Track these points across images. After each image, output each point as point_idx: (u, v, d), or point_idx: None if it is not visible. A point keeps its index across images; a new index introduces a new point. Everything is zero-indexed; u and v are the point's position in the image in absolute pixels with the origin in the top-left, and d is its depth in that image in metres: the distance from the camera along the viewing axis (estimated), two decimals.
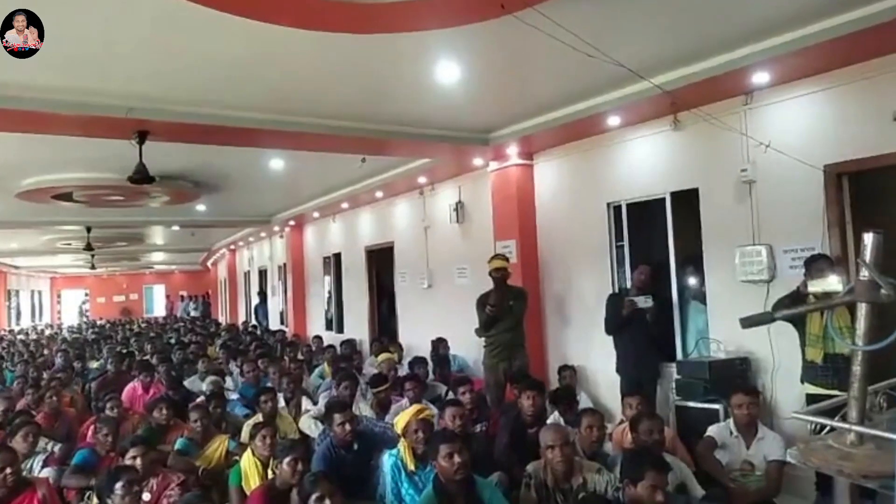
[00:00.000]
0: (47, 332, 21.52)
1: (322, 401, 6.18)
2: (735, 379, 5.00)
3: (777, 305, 4.26)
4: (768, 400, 5.11)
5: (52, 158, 7.57)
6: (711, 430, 4.37)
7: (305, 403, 6.21)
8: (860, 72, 4.57)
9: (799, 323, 4.34)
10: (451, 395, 5.94)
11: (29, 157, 7.38)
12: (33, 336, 18.64)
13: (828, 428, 1.73)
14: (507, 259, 6.47)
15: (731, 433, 4.30)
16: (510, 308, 6.21)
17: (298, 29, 3.84)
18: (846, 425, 1.64)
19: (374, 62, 4.67)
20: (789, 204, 5.03)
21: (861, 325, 1.69)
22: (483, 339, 6.42)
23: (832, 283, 2.04)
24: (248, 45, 4.20)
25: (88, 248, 15.08)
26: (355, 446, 4.48)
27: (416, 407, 4.42)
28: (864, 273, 1.67)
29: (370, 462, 4.53)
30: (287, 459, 3.71)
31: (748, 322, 1.96)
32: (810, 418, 1.77)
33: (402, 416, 4.24)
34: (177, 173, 8.69)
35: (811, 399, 4.28)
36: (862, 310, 1.70)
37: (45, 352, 13.25)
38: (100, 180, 8.61)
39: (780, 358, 5.00)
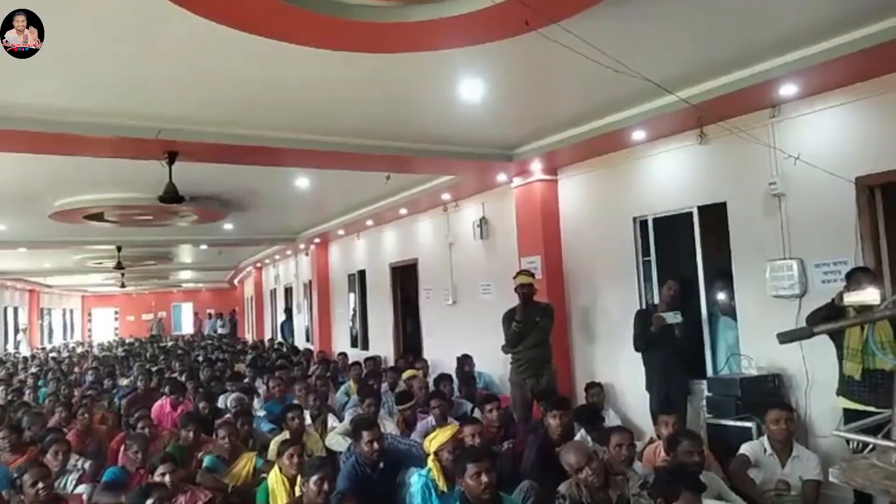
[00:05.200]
0: (78, 349, 21.87)
1: (348, 417, 6.18)
2: (768, 396, 4.91)
3: (811, 318, 4.17)
4: (803, 418, 5.00)
5: (85, 180, 7.74)
6: (745, 449, 4.28)
7: (331, 420, 6.22)
8: (891, 83, 4.50)
9: (837, 336, 4.24)
10: (476, 413, 5.90)
11: (62, 178, 7.56)
12: (65, 354, 18.95)
13: (870, 446, 1.68)
14: (532, 275, 6.44)
15: (766, 451, 4.22)
16: (536, 324, 6.17)
17: (324, 49, 3.89)
18: (892, 443, 1.58)
19: (399, 81, 4.72)
20: (820, 217, 4.95)
21: None
22: (510, 355, 6.38)
23: (870, 295, 1.98)
24: (274, 66, 4.27)
25: (119, 266, 15.34)
26: (381, 465, 4.46)
27: (452, 427, 4.38)
28: None
29: (396, 480, 4.51)
30: (314, 478, 3.71)
31: (786, 337, 1.92)
32: (852, 436, 1.72)
33: (438, 435, 4.21)
34: (205, 193, 8.83)
35: (848, 414, 4.18)
36: None
37: (76, 369, 13.46)
38: (130, 200, 8.77)
39: (813, 374, 4.90)
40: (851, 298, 2.50)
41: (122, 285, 23.73)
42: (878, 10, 3.84)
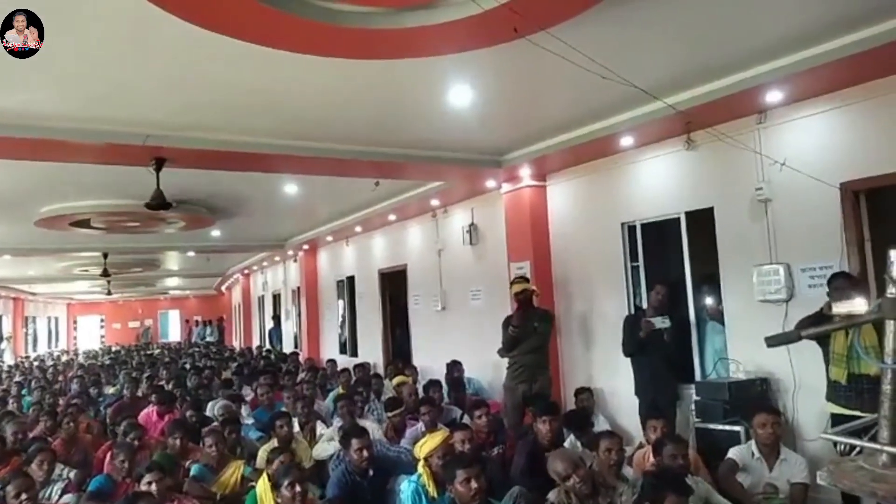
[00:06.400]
0: (63, 358, 21.63)
1: (336, 424, 6.15)
2: (755, 400, 4.94)
3: (800, 326, 4.20)
4: (790, 421, 5.03)
5: (71, 186, 7.68)
6: (733, 453, 4.31)
7: (319, 428, 6.18)
8: (875, 89, 4.56)
9: (823, 341, 4.28)
10: (466, 419, 5.88)
11: (48, 184, 7.49)
12: (50, 362, 18.74)
13: (857, 449, 1.69)
14: (528, 280, 6.44)
15: (753, 455, 4.24)
16: (535, 329, 6.17)
17: (312, 55, 3.89)
18: (878, 446, 1.60)
19: (387, 87, 4.72)
20: (806, 222, 4.99)
21: (890, 342, 1.66)
22: (505, 361, 6.38)
23: (858, 304, 2.00)
24: (261, 72, 4.26)
25: (105, 273, 15.20)
26: (370, 472, 4.44)
27: (442, 433, 4.38)
28: (892, 290, 1.64)
29: (385, 487, 4.49)
30: (285, 484, 3.74)
31: (774, 340, 1.93)
32: (839, 438, 1.73)
33: (428, 441, 4.20)
34: (193, 199, 8.79)
35: (835, 419, 4.21)
36: (890, 327, 1.66)
37: (61, 378, 13.31)
38: (117, 207, 8.71)
39: (800, 378, 4.93)
40: (839, 308, 2.51)
41: (109, 293, 23.54)
42: (864, 17, 3.89)
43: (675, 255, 6.12)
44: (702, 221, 5.84)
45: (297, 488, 3.71)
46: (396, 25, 3.56)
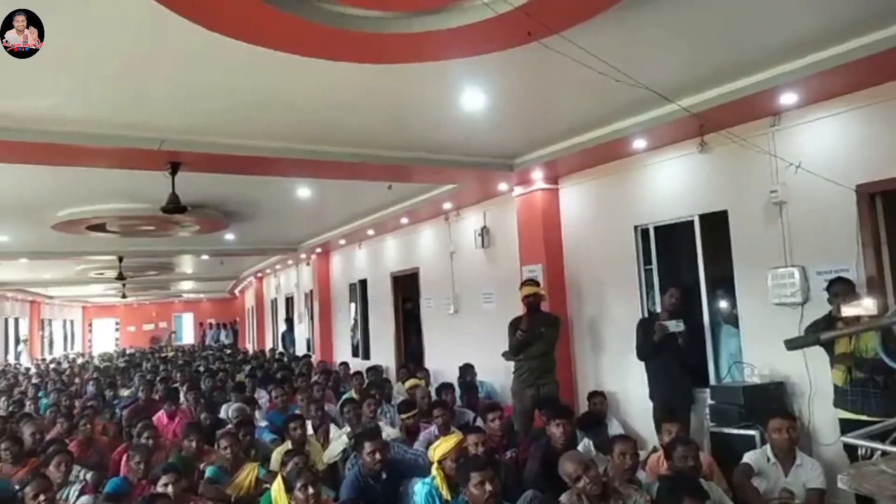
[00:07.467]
0: (79, 360, 21.81)
1: (348, 428, 6.16)
2: (771, 404, 4.89)
3: (810, 330, 4.17)
4: (805, 425, 4.98)
5: (87, 190, 7.76)
6: (748, 457, 4.28)
7: (332, 430, 6.20)
8: (891, 91, 4.52)
9: (829, 346, 4.24)
10: (479, 422, 5.88)
11: (65, 189, 7.58)
12: (66, 365, 18.91)
13: (879, 453, 1.68)
14: (538, 284, 6.43)
15: (769, 460, 4.21)
16: (542, 334, 6.16)
17: (325, 60, 3.91)
18: None
19: (401, 90, 4.73)
20: (821, 225, 4.95)
21: None
22: (512, 364, 6.37)
23: (867, 306, 1.99)
24: (274, 76, 4.29)
25: (120, 277, 15.33)
26: (384, 475, 4.44)
27: (456, 436, 4.39)
28: None
29: (399, 490, 4.49)
30: (298, 486, 3.76)
31: (794, 344, 1.93)
32: (861, 442, 1.71)
33: (442, 444, 4.21)
34: (207, 203, 8.85)
35: (843, 425, 4.17)
36: None
37: (77, 380, 13.43)
38: (133, 211, 8.79)
39: (816, 382, 4.88)
40: (849, 311, 2.49)
41: (124, 296, 23.74)
42: (879, 19, 3.86)
43: (689, 258, 6.09)
44: (716, 224, 5.81)
45: (311, 490, 3.73)
46: (409, 30, 3.58)
